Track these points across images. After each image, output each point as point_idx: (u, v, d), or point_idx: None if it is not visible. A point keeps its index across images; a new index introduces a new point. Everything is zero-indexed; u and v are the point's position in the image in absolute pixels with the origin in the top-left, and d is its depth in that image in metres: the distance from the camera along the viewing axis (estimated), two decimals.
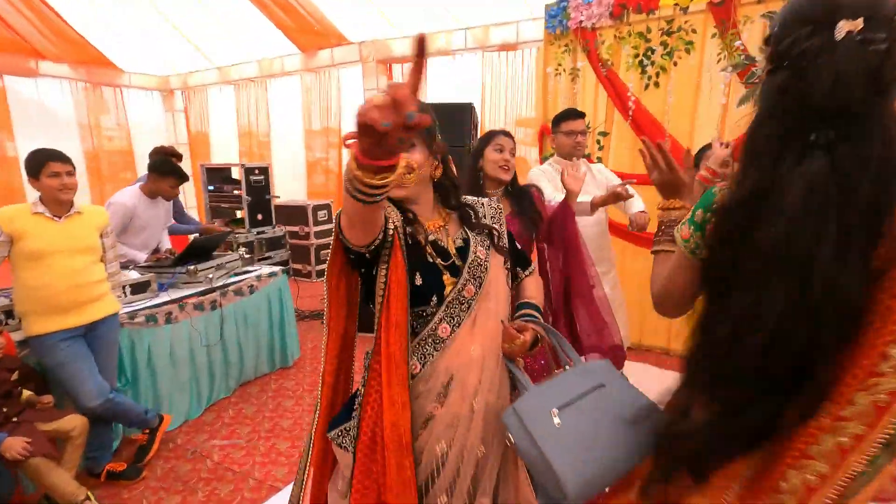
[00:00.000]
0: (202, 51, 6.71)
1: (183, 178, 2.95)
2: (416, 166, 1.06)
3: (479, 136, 3.62)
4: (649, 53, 3.17)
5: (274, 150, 6.97)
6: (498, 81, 5.28)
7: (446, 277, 1.11)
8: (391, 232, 1.04)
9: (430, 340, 1.07)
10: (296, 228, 5.49)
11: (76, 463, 1.94)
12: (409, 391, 1.03)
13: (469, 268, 1.12)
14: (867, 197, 0.63)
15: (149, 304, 2.52)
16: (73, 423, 1.92)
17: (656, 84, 3.20)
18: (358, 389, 1.13)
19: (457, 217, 1.20)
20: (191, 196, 7.21)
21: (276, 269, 3.27)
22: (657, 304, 0.97)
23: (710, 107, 3.07)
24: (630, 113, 3.25)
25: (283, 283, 3.29)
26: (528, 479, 1.21)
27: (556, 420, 0.86)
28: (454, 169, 1.20)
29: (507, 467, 1.14)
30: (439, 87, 5.62)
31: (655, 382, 3.16)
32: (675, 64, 3.12)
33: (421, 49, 0.62)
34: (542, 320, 1.17)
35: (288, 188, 6.94)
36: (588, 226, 2.30)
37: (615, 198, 2.01)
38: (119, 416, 2.18)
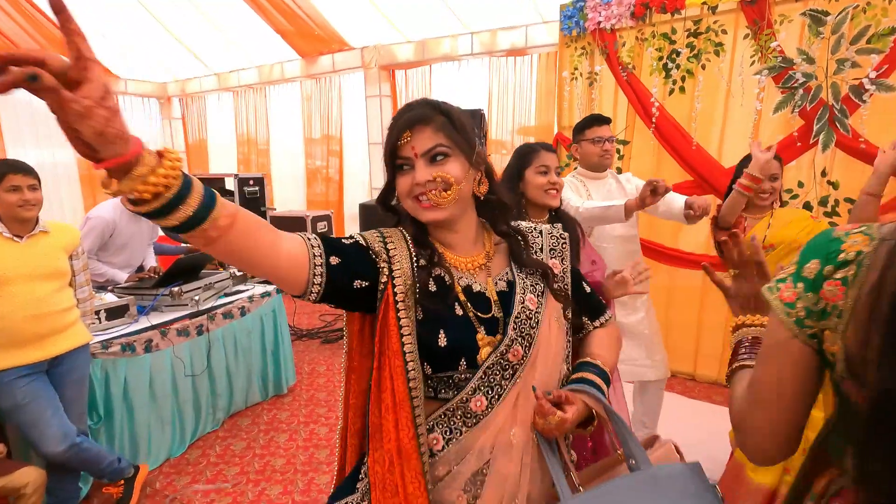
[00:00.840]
0: (200, 57, 6.52)
1: None
2: (452, 180, 0.82)
3: (486, 145, 3.39)
4: (674, 56, 2.94)
5: (273, 158, 6.78)
6: (505, 88, 5.07)
7: (480, 336, 0.84)
8: (383, 282, 0.82)
9: (458, 413, 0.83)
10: None
11: None
12: (425, 476, 0.79)
13: (516, 322, 0.85)
14: None
15: (126, 330, 2.27)
16: (27, 477, 1.66)
17: (682, 89, 2.96)
18: (365, 452, 0.88)
19: (505, 248, 0.94)
20: None
21: (270, 287, 3.01)
22: (742, 442, 0.65)
23: (742, 114, 2.83)
24: (653, 120, 3.01)
25: (277, 302, 3.04)
26: None
27: None
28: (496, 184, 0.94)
29: None
30: (444, 94, 5.40)
31: (682, 413, 2.80)
32: (703, 67, 2.88)
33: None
34: (603, 391, 0.87)
35: (287, 197, 6.74)
36: (617, 240, 2.05)
37: (652, 192, 1.70)
38: (87, 464, 1.91)
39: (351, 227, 6.26)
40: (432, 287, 0.85)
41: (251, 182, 3.60)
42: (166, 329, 2.38)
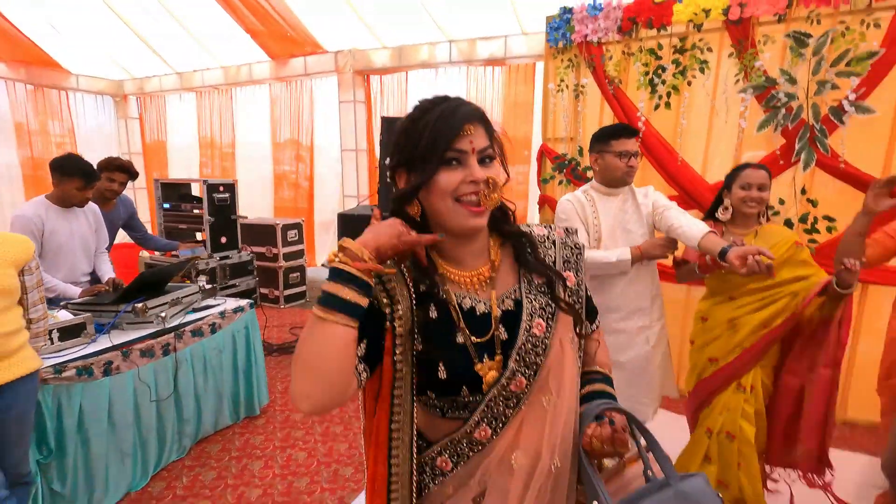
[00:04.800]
0: (160, 54, 6.19)
1: (91, 177, 2.45)
2: (500, 184, 0.80)
3: None
4: (660, 72, 2.95)
5: (238, 162, 6.49)
6: (483, 97, 5.03)
7: (479, 367, 0.82)
8: (385, 329, 0.81)
9: (464, 441, 0.85)
10: (262, 250, 5.01)
11: None
12: (435, 493, 0.86)
13: (519, 354, 0.83)
14: None
15: (82, 352, 2.04)
16: None
17: (668, 105, 2.97)
18: None
19: (511, 254, 0.89)
20: (143, 212, 6.55)
21: (243, 302, 2.81)
22: None
23: (726, 131, 2.86)
24: (639, 135, 3.00)
25: (250, 318, 2.84)
26: None
27: None
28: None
29: None
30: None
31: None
32: (689, 84, 2.90)
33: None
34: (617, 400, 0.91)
35: (253, 204, 6.46)
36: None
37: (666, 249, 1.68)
38: None
39: (321, 236, 6.05)
40: (433, 314, 0.83)
41: (221, 188, 3.37)
42: (128, 349, 2.16)
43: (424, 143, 0.77)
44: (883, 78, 2.45)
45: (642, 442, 0.84)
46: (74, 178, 2.42)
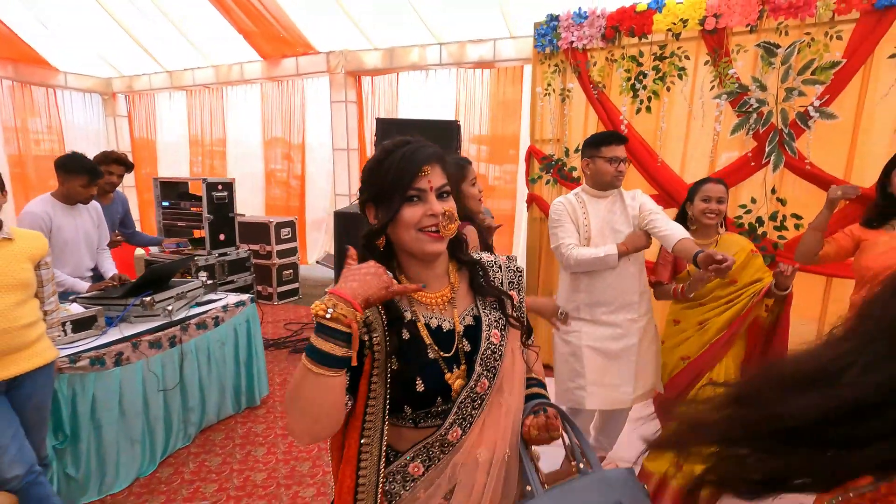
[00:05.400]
0: (151, 53, 6.21)
1: (95, 175, 2.53)
2: (456, 215, 0.91)
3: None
4: (641, 78, 3.12)
5: (229, 161, 6.54)
6: (472, 98, 5.18)
7: (449, 376, 0.93)
8: (364, 353, 0.87)
9: (436, 444, 0.93)
10: (256, 247, 5.09)
11: None
12: (406, 499, 0.92)
13: (482, 359, 0.95)
14: None
15: (95, 343, 2.13)
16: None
17: (648, 109, 3.14)
18: None
19: (467, 277, 1.01)
20: (134, 210, 6.57)
21: (245, 297, 2.92)
22: None
23: (702, 134, 3.04)
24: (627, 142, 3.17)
25: (251, 312, 2.94)
26: None
27: None
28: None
29: None
30: (411, 102, 5.43)
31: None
32: (668, 89, 3.08)
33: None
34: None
35: (244, 202, 6.51)
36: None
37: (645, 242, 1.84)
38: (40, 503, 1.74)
39: (313, 234, 6.14)
40: (406, 335, 0.91)
41: (220, 187, 3.46)
42: (138, 341, 2.25)
43: (389, 182, 0.88)
44: (845, 86, 2.64)
45: (574, 440, 0.98)
46: (79, 176, 2.50)
